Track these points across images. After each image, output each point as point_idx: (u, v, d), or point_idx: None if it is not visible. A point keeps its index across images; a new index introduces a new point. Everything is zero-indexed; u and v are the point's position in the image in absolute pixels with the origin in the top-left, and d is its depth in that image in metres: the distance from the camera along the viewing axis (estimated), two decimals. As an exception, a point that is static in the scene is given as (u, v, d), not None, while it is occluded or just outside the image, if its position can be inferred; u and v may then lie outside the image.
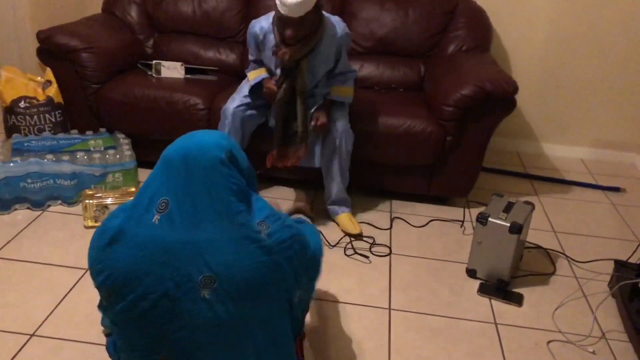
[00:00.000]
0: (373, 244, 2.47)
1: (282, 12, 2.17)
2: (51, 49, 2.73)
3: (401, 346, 1.91)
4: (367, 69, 3.06)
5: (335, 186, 2.54)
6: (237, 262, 1.16)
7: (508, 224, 2.14)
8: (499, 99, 2.54)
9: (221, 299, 1.16)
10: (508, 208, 2.24)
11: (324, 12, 2.35)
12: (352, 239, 2.50)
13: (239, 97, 2.53)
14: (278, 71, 2.38)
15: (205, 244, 1.16)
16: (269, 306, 1.21)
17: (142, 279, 1.16)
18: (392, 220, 2.68)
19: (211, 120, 2.71)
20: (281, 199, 2.77)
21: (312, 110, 2.47)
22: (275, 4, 2.17)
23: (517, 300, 2.18)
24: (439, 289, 2.22)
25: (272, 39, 2.37)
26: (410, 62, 3.07)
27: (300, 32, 2.24)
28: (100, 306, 1.32)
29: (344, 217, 2.56)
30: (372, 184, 2.82)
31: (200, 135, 1.25)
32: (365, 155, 2.67)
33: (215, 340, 1.18)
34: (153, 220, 1.17)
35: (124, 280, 1.16)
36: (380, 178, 2.79)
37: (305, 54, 2.32)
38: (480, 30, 3.03)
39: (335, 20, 2.38)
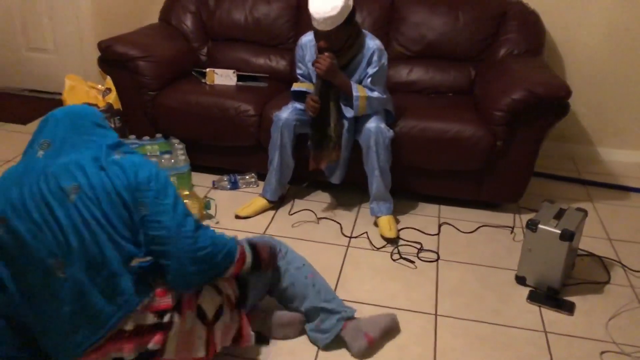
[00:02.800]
0: (420, 250, 2.46)
1: (314, 24, 2.34)
2: (111, 58, 2.86)
3: (447, 352, 1.91)
4: (416, 73, 3.06)
5: (375, 182, 2.54)
6: (94, 175, 1.51)
7: (559, 231, 2.10)
8: (551, 103, 2.49)
9: (84, 202, 1.48)
10: (559, 215, 2.20)
11: (364, 31, 2.48)
12: (393, 244, 2.50)
13: (292, 105, 2.61)
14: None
15: (73, 164, 1.52)
16: (117, 213, 1.51)
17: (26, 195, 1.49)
18: (440, 226, 2.66)
19: (261, 126, 2.77)
20: (322, 202, 2.80)
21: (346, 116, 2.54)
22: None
23: (569, 308, 2.13)
24: (487, 296, 2.20)
25: (314, 53, 2.51)
26: (460, 66, 3.05)
27: (332, 44, 2.37)
28: None
29: (383, 219, 2.57)
30: (420, 190, 2.82)
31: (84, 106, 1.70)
32: (413, 160, 2.67)
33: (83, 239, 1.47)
34: (37, 155, 1.56)
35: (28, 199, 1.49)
36: (428, 183, 2.78)
37: (342, 67, 2.44)
38: (533, 33, 2.98)
39: (371, 41, 2.48)
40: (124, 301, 1.49)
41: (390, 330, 1.97)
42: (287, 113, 2.57)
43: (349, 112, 2.50)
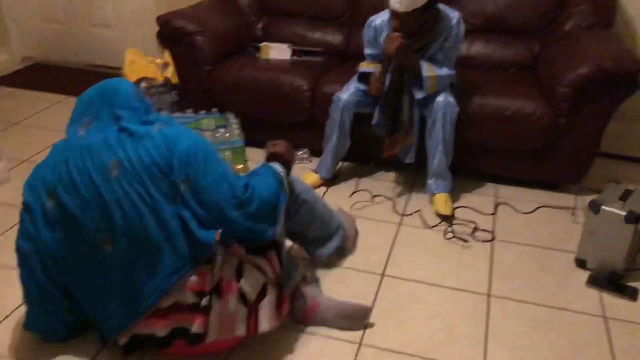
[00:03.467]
0: (475, 229, 2.40)
1: (391, 5, 2.27)
2: (169, 33, 2.89)
3: (499, 333, 1.86)
4: (476, 48, 2.95)
5: (437, 158, 2.48)
6: (136, 151, 1.52)
7: (624, 213, 1.99)
8: (621, 78, 2.35)
9: (127, 177, 1.50)
10: (625, 196, 2.08)
11: (441, 7, 2.38)
12: (448, 222, 2.44)
13: (353, 86, 2.57)
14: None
15: (113, 140, 1.54)
16: (159, 189, 1.51)
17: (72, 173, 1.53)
18: (496, 205, 2.58)
19: (315, 101, 2.75)
20: (374, 179, 2.77)
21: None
22: None
23: (632, 294, 2.02)
24: (544, 278, 2.12)
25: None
26: (523, 40, 2.92)
27: (406, 27, 2.31)
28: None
29: (439, 197, 2.51)
30: (477, 168, 2.73)
31: (118, 79, 1.69)
32: (470, 137, 2.59)
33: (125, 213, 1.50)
34: (79, 133, 1.59)
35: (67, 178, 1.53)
36: (485, 161, 2.69)
37: (416, 50, 2.37)
38: (603, 4, 2.81)
39: (451, 12, 2.39)
40: (165, 276, 1.52)
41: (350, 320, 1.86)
42: (347, 94, 2.54)
43: (419, 94, 2.44)
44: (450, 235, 2.37)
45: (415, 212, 2.52)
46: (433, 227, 2.42)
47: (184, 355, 1.69)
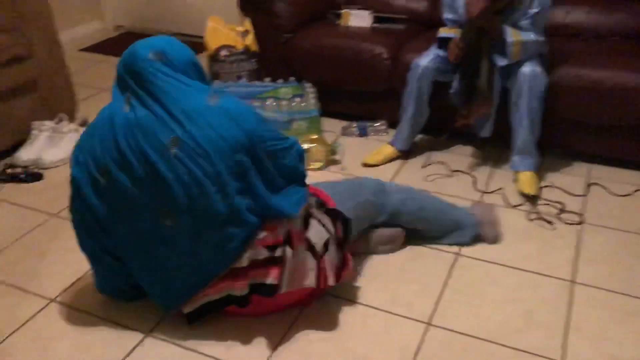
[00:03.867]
0: (562, 211, 2.22)
1: None
2: (249, 0, 2.87)
3: (582, 324, 1.71)
4: (574, 15, 2.71)
5: (521, 133, 2.31)
6: (194, 125, 1.46)
7: None
8: None
9: (187, 154, 1.45)
10: None
11: None
12: (533, 202, 2.28)
13: (432, 52, 2.44)
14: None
15: (167, 115, 1.47)
16: (224, 163, 1.47)
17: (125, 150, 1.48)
18: (588, 186, 2.38)
19: (395, 71, 2.65)
20: (455, 154, 2.63)
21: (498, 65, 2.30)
22: None
23: None
24: (638, 267, 1.93)
25: None
26: (629, 5, 2.64)
27: None
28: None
29: (524, 175, 2.35)
30: (567, 145, 2.53)
31: (136, 43, 1.55)
32: (561, 112, 2.40)
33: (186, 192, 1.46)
34: (124, 109, 1.52)
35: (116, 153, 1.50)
36: (578, 138, 2.48)
37: (498, 11, 2.20)
38: None
39: None
40: (233, 247, 1.51)
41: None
42: (426, 60, 2.42)
43: (501, 61, 2.27)
44: (534, 216, 2.21)
45: (497, 190, 2.37)
46: (516, 206, 2.27)
47: (254, 313, 1.70)
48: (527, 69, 2.23)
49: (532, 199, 2.29)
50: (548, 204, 2.26)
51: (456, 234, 2.03)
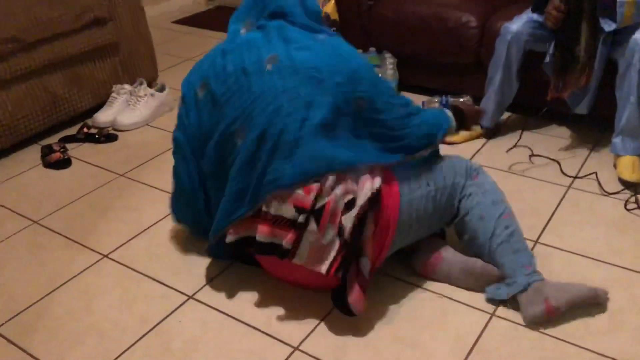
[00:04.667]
0: (669, 202, 1.92)
1: None
2: (331, -36, 2.74)
3: (681, 332, 1.44)
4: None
5: (627, 110, 2.01)
6: (297, 50, 1.50)
7: None
8: None
9: (281, 72, 1.46)
10: None
11: None
12: (634, 191, 1.98)
13: (526, 16, 2.18)
14: None
15: (276, 38, 1.53)
16: (314, 90, 1.45)
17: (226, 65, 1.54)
18: None
19: (483, 41, 2.41)
20: (547, 135, 2.35)
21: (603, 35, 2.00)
22: None
23: None
24: None
25: None
26: None
27: None
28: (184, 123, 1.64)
29: (626, 159, 2.04)
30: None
31: None
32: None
33: (273, 107, 1.45)
34: (240, 33, 1.62)
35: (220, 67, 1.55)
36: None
37: None
38: None
39: None
40: (277, 176, 1.43)
41: (583, 303, 1.50)
42: (518, 25, 2.16)
43: (608, 25, 1.98)
44: (634, 205, 1.92)
45: (590, 175, 2.09)
46: (612, 194, 1.99)
47: (284, 277, 1.63)
48: (639, 35, 1.93)
49: (634, 186, 2.00)
50: (651, 194, 1.97)
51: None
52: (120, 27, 2.69)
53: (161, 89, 2.76)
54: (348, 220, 1.41)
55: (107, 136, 2.52)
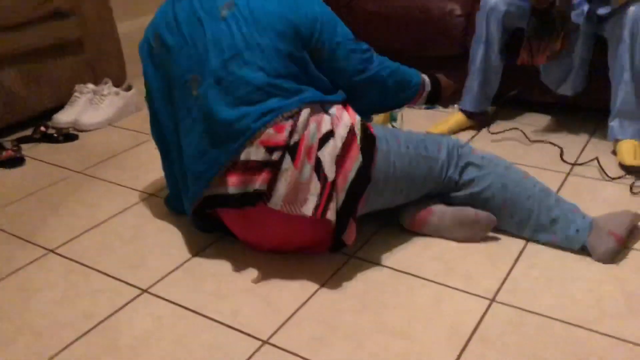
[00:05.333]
0: (678, 185, 1.75)
1: None
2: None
3: None
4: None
5: (622, 90, 1.87)
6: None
7: None
8: None
9: (237, 19, 1.37)
10: None
11: None
12: (637, 176, 1.82)
13: None
14: None
15: None
16: (272, 39, 1.37)
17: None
18: None
19: (469, 28, 2.28)
20: (539, 123, 2.20)
21: None
22: None
23: None
24: None
25: None
26: None
27: None
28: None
29: (626, 144, 1.89)
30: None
31: None
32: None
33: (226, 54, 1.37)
34: None
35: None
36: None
37: None
38: None
39: None
40: (250, 121, 1.33)
41: (636, 225, 1.50)
42: None
43: (602, 9, 1.87)
44: (639, 189, 1.75)
45: (590, 161, 1.93)
46: (615, 179, 1.82)
47: (251, 238, 1.50)
48: (632, 8, 1.80)
49: (637, 172, 1.83)
50: (657, 177, 1.81)
51: (558, 230, 1.47)
52: (84, 22, 2.52)
53: (128, 89, 2.58)
54: (326, 155, 1.32)
55: (66, 136, 2.32)
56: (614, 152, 1.95)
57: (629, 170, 1.85)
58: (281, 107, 1.34)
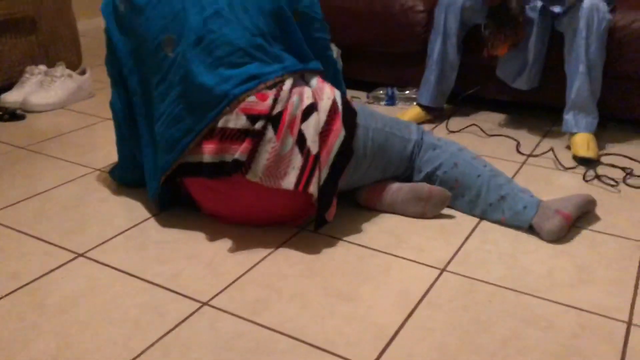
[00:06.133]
0: (630, 175, 1.76)
1: None
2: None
3: None
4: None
5: (576, 83, 1.89)
6: None
7: None
8: None
9: None
10: None
11: None
12: (589, 166, 1.83)
13: None
14: None
15: None
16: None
17: None
18: (663, 157, 1.92)
19: (430, 24, 2.30)
20: (485, 122, 2.21)
21: None
22: None
23: None
24: None
25: None
26: None
27: None
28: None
29: (580, 137, 1.90)
30: (634, 113, 2.08)
31: None
32: (629, 68, 1.97)
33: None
34: None
35: None
36: (650, 104, 2.04)
37: None
38: None
39: None
40: (230, 87, 1.27)
41: (587, 206, 1.48)
42: None
43: (556, 8, 1.90)
44: (592, 176, 1.76)
45: (546, 153, 1.94)
46: (569, 169, 1.83)
47: (219, 210, 1.42)
48: (586, 1, 1.83)
49: (590, 163, 1.85)
50: (612, 167, 1.81)
51: (506, 208, 1.45)
52: (39, 1, 2.45)
53: (82, 72, 2.50)
54: (310, 128, 1.28)
55: (12, 114, 2.22)
56: (568, 148, 1.97)
57: (582, 161, 1.86)
58: (264, 73, 1.29)
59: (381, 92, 2.47)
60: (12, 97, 2.33)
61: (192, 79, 1.28)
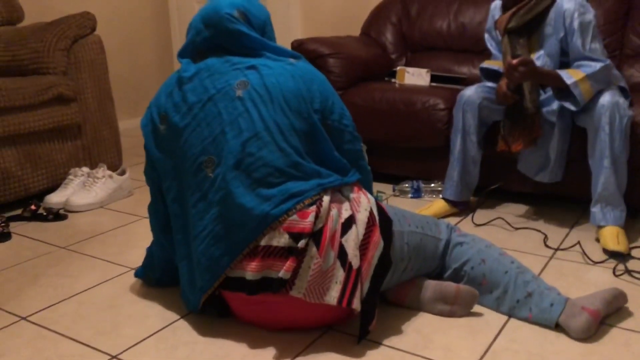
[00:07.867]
0: (660, 269, 1.74)
1: None
2: (303, 54, 2.79)
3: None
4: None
5: (602, 178, 1.91)
6: (268, 75, 1.41)
7: None
8: None
9: (253, 99, 1.38)
10: None
11: None
12: (619, 260, 1.82)
13: (481, 84, 2.21)
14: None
15: (242, 64, 1.44)
16: (289, 118, 1.38)
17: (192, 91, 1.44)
18: (695, 249, 1.89)
19: (451, 120, 2.39)
20: (511, 214, 2.22)
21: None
22: None
23: None
24: None
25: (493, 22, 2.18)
26: None
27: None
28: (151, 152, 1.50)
29: (608, 230, 1.90)
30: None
31: (217, 1, 1.51)
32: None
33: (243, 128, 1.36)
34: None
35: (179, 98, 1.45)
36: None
37: (528, 21, 2.02)
38: None
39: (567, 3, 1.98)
40: (270, 207, 1.30)
41: (617, 302, 1.48)
42: (472, 90, 2.15)
43: (572, 106, 1.95)
44: (622, 271, 1.74)
45: (573, 246, 1.94)
46: (598, 263, 1.82)
47: (266, 323, 1.44)
48: (606, 98, 1.89)
49: (621, 256, 1.83)
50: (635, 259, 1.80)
51: (533, 305, 1.45)
52: (85, 108, 2.64)
53: (122, 173, 2.64)
54: (350, 242, 1.31)
55: (56, 215, 2.34)
56: (597, 239, 1.97)
57: (612, 254, 1.85)
58: (302, 191, 1.32)
59: (407, 185, 2.53)
60: (56, 198, 2.46)
61: (232, 200, 1.32)
